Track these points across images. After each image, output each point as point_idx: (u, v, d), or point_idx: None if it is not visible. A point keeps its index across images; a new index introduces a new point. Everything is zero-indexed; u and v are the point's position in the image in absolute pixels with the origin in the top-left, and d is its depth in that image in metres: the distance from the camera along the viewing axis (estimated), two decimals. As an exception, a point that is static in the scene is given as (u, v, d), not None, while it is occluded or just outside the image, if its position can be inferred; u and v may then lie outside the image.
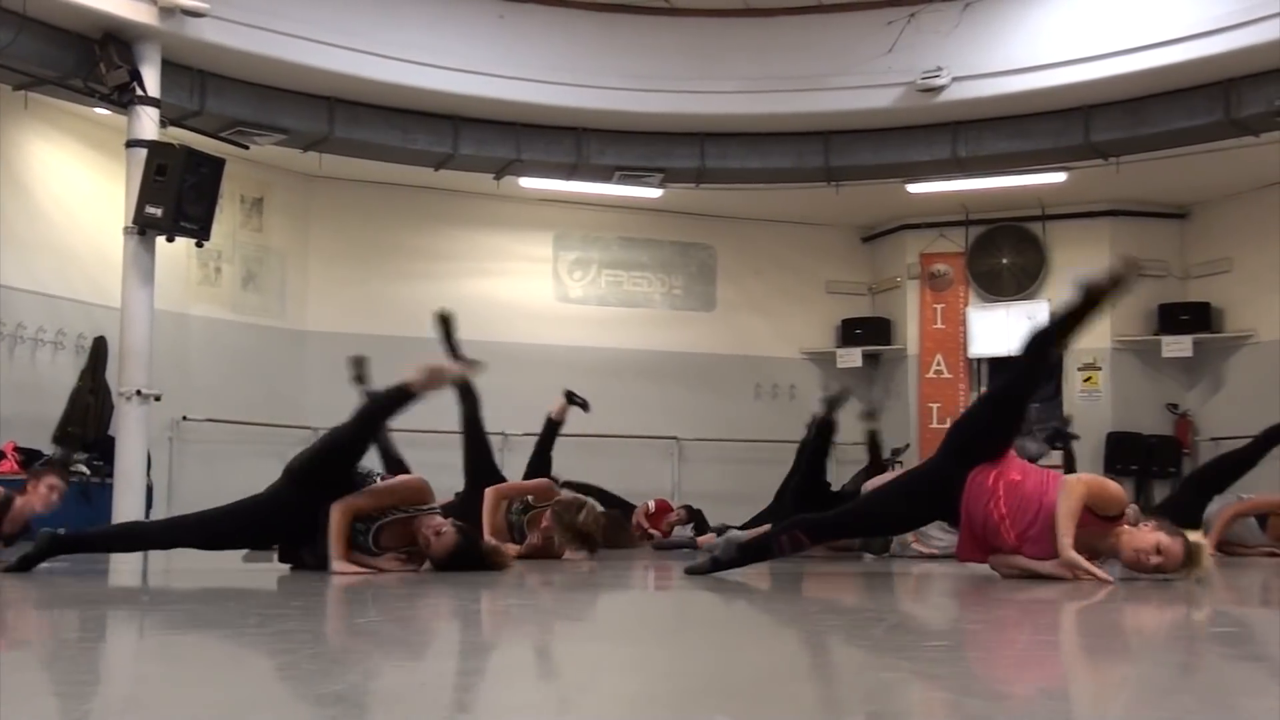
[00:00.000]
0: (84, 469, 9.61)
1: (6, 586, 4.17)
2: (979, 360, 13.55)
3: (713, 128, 11.45)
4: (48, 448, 9.93)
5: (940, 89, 10.59)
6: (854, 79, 10.81)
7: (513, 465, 11.90)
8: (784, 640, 2.98)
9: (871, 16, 10.80)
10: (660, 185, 12.14)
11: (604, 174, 11.90)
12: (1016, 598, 3.92)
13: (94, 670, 2.30)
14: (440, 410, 9.76)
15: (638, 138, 11.66)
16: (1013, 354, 4.70)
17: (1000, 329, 13.44)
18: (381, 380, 9.80)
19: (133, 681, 2.16)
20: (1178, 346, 12.71)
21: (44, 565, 4.81)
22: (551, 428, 9.12)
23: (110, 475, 9.18)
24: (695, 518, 10.66)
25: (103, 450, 9.69)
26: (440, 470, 8.37)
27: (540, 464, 8.84)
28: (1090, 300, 4.92)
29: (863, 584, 5.15)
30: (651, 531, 10.51)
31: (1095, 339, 13.15)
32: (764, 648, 2.78)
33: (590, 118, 11.35)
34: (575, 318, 13.56)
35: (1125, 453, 12.84)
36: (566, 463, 11.32)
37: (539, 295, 13.57)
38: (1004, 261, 13.68)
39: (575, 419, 11.90)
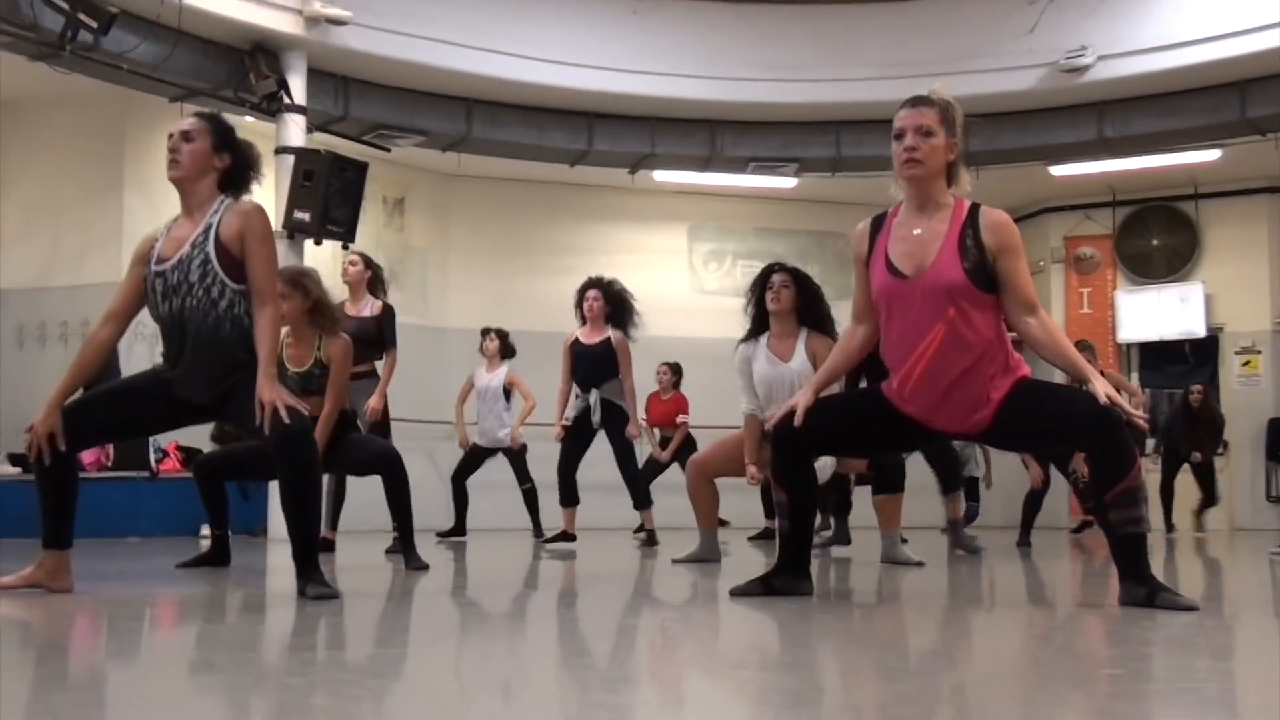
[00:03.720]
0: (241, 466, 9.94)
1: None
2: (1129, 345, 13.16)
3: (848, 116, 11.31)
4: (207, 446, 10.31)
5: (1085, 69, 10.30)
6: (993, 61, 10.57)
7: (644, 456, 12.01)
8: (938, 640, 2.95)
9: (1012, -4, 10.56)
10: (795, 175, 12.06)
11: (738, 165, 11.87)
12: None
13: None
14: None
15: (772, 128, 11.59)
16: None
17: (1152, 312, 13.04)
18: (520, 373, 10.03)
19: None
20: (1344, 328, 12.18)
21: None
22: None
23: (266, 473, 9.47)
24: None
25: (258, 449, 10.00)
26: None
27: None
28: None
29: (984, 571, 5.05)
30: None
31: (1254, 321, 12.68)
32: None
33: (723, 110, 11.32)
34: (711, 309, 13.52)
35: (1283, 438, 12.35)
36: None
37: (674, 288, 13.58)
38: (1154, 243, 13.25)
39: (712, 409, 11.94)
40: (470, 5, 10.32)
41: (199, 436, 10.18)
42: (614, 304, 8.19)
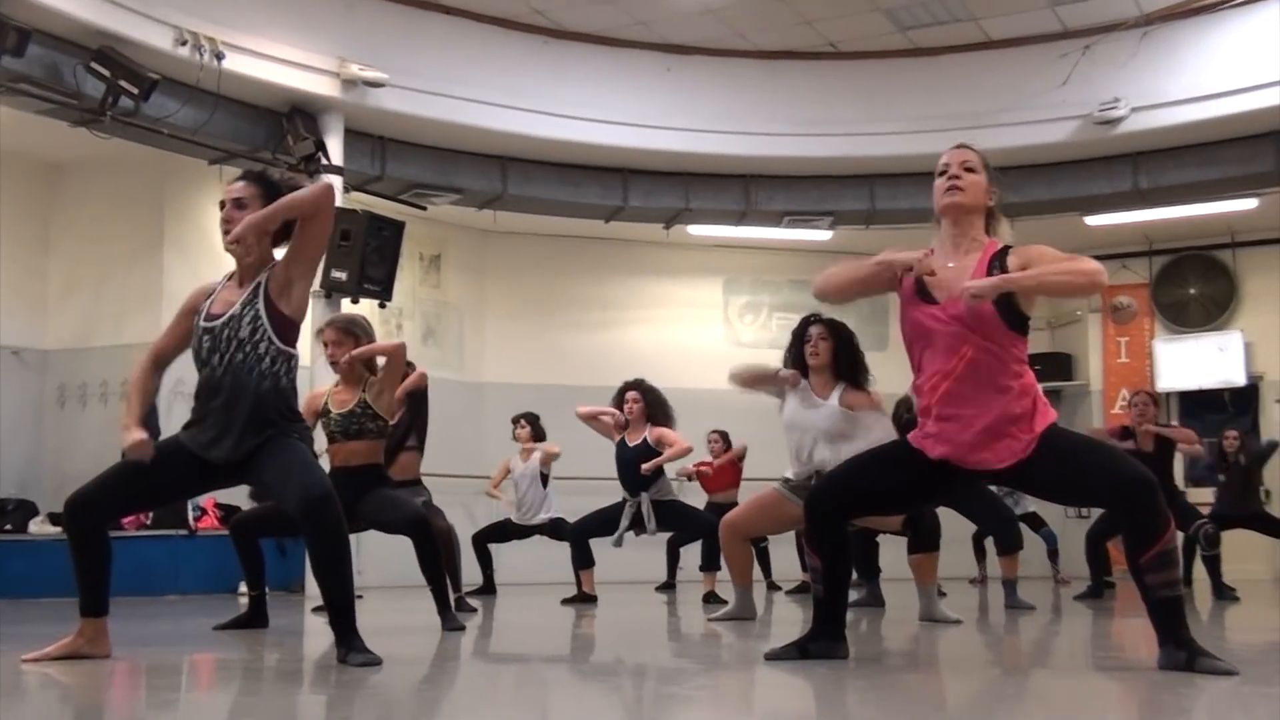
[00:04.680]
0: (279, 523, 9.99)
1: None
2: (1169, 394, 13.04)
3: (882, 169, 11.34)
4: (246, 503, 10.37)
5: (1119, 120, 10.29)
6: (1026, 114, 10.57)
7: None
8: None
9: (1043, 50, 10.57)
10: (830, 228, 12.08)
11: (773, 219, 11.91)
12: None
13: None
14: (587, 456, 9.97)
15: (806, 182, 11.63)
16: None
17: (1190, 361, 12.93)
18: (556, 428, 10.06)
19: None
20: (1387, 374, 12.02)
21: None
22: None
23: (305, 530, 9.53)
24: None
25: (297, 505, 10.05)
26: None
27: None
28: None
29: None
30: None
31: (1294, 369, 12.55)
32: None
33: (758, 164, 11.38)
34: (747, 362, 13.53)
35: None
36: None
37: (710, 340, 13.59)
38: (1191, 292, 13.18)
39: (749, 462, 11.89)
40: (504, 65, 10.44)
41: (237, 494, 10.20)
42: (653, 405, 8.20)
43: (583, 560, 8.13)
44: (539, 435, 9.47)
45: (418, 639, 5.07)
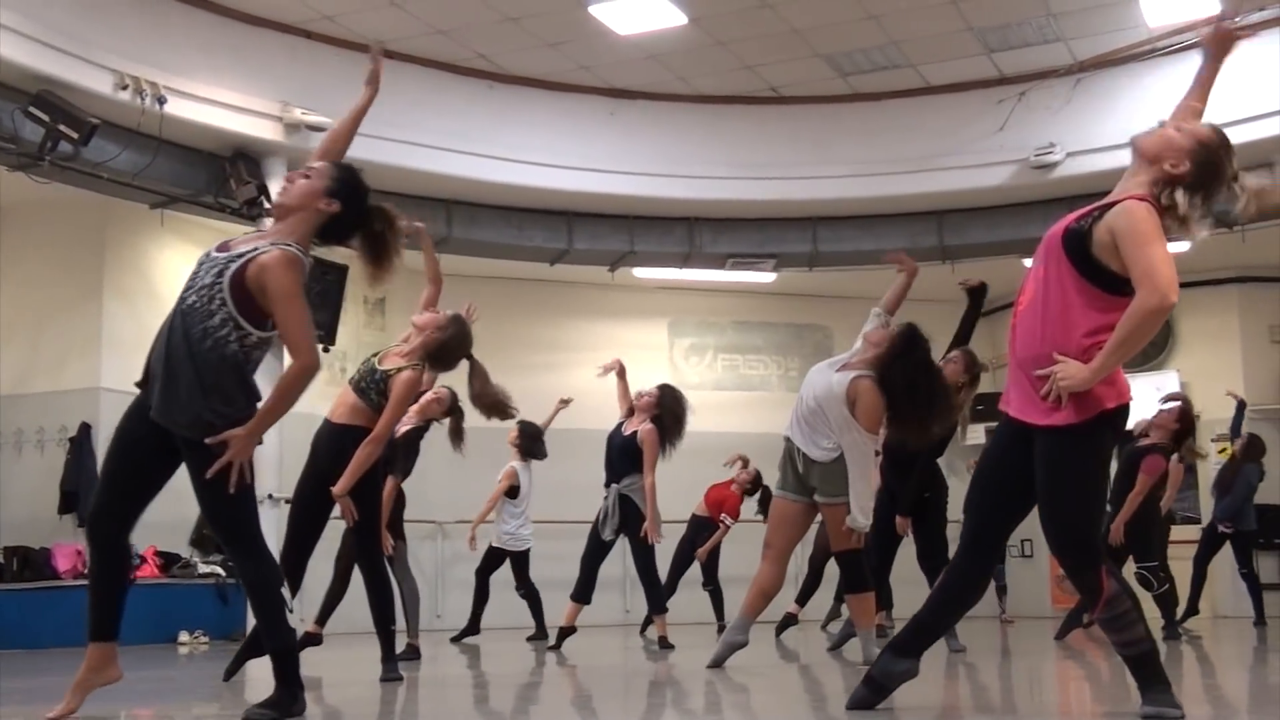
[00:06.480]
0: (220, 570, 9.86)
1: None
2: (1107, 434, 13.22)
3: (824, 212, 11.47)
4: (186, 550, 10.22)
5: (1054, 165, 10.48)
6: (965, 158, 10.76)
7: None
8: None
9: (981, 96, 10.77)
10: (773, 270, 12.17)
11: (717, 261, 11.98)
12: None
13: None
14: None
15: (750, 225, 11.73)
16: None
17: (1127, 401, 13.11)
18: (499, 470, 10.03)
19: None
20: (1319, 414, 12.26)
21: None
22: None
23: (245, 577, 9.40)
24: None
25: (237, 552, 9.92)
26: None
27: None
28: None
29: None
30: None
31: (1229, 409, 12.72)
32: None
33: (702, 208, 11.47)
34: (692, 404, 13.54)
35: (1272, 526, 12.34)
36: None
37: (656, 382, 13.56)
38: (1128, 333, 13.38)
39: (693, 503, 11.85)
40: (448, 109, 10.46)
41: (178, 541, 10.10)
42: (665, 410, 8.23)
43: (583, 594, 8.05)
44: (524, 447, 9.42)
45: (358, 691, 5.01)
